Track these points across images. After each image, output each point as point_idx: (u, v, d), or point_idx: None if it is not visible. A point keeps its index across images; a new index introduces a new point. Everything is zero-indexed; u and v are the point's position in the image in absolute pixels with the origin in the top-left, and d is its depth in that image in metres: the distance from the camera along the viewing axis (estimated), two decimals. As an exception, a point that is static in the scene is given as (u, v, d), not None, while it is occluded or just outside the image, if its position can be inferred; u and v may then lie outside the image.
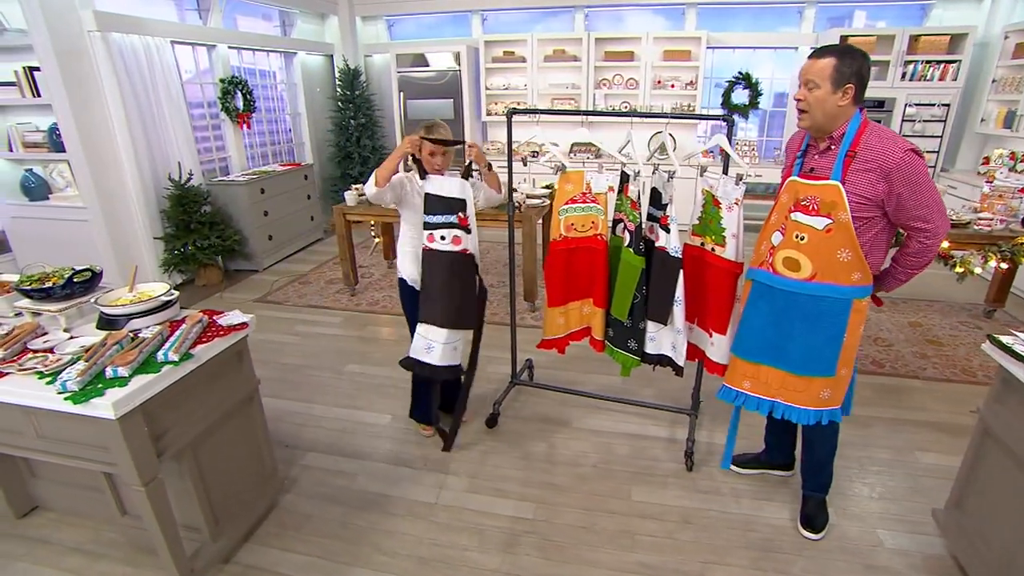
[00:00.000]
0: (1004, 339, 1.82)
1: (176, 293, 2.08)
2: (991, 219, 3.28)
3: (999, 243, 3.24)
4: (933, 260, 1.90)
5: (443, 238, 2.39)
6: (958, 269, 3.19)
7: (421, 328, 2.45)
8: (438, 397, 2.78)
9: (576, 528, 2.25)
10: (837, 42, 5.39)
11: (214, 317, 2.05)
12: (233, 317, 2.03)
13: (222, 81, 5.37)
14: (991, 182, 3.63)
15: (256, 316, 2.10)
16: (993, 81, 5.30)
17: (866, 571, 2.03)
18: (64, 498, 2.30)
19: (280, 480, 2.42)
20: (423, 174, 2.41)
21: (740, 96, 6.02)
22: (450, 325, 2.45)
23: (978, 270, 3.21)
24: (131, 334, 1.84)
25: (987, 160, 5.33)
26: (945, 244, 3.09)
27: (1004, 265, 3.24)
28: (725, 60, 6.46)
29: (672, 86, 6.23)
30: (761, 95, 5.94)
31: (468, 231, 2.42)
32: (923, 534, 2.18)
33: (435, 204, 2.40)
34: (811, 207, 1.78)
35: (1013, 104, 5.07)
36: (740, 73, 5.95)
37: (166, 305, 2.01)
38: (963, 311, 4.28)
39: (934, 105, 5.40)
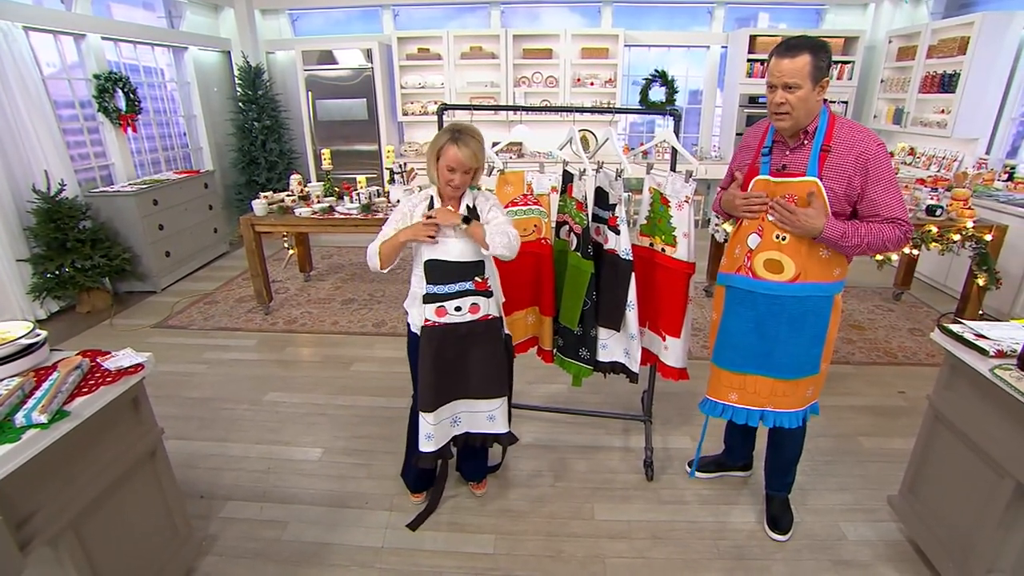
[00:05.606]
0: (954, 328, 1.85)
1: (43, 333, 1.67)
2: (900, 208, 3.47)
3: (909, 230, 3.43)
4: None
5: (458, 309, 1.92)
6: (878, 257, 3.33)
7: (421, 417, 2.01)
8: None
9: (542, 558, 2.07)
10: (747, 40, 5.67)
11: (98, 359, 1.67)
12: (123, 359, 1.66)
13: (96, 77, 4.69)
14: (896, 174, 3.86)
15: (155, 344, 1.74)
16: (881, 81, 5.73)
17: (836, 567, 2.01)
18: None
19: (197, 541, 2.05)
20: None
21: (657, 94, 6.12)
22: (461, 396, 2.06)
23: (895, 257, 3.38)
24: (-20, 392, 1.44)
25: (880, 153, 5.74)
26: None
27: (916, 252, 3.44)
28: (641, 58, 6.56)
29: (591, 83, 6.23)
30: (677, 92, 6.07)
31: (488, 294, 1.97)
32: (881, 521, 2.21)
33: (442, 272, 1.89)
34: None
35: (900, 102, 5.49)
36: (656, 71, 6.05)
37: (28, 349, 1.61)
38: (875, 295, 4.56)
39: (835, 102, 5.75)
